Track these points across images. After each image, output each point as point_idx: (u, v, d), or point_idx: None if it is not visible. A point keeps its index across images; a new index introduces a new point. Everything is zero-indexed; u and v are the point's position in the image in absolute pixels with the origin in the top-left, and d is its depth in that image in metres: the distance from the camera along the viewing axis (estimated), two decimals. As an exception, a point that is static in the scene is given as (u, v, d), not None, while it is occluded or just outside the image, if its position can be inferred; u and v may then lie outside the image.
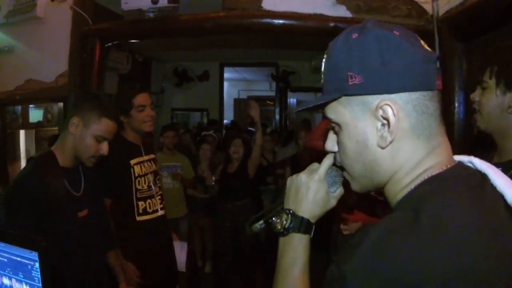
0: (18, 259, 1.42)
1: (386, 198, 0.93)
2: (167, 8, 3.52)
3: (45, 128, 5.23)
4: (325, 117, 0.95)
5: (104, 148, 2.15)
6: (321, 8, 3.46)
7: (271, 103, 11.70)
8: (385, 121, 0.83)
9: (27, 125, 5.14)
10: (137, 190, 2.82)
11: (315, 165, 1.09)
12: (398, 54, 0.82)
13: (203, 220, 5.40)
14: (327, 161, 1.05)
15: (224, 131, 8.70)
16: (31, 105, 5.14)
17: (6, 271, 1.46)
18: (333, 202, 1.09)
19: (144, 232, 2.82)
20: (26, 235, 1.55)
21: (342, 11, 3.46)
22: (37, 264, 1.39)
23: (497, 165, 0.94)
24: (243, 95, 13.14)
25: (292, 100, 12.16)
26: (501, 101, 1.45)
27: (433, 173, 0.84)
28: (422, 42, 0.86)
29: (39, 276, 1.39)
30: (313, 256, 1.03)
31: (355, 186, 0.97)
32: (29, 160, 2.10)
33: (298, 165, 4.77)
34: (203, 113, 10.04)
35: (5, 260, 1.45)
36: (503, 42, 1.54)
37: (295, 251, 1.03)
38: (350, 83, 0.84)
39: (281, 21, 3.47)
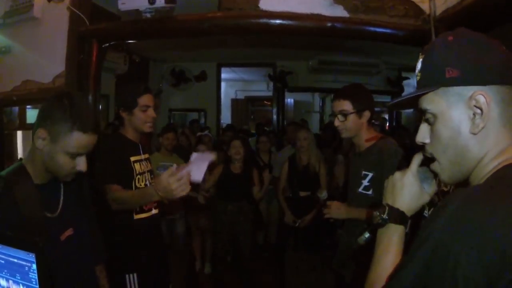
0: (15, 260, 1.42)
1: (470, 184, 1.02)
2: (164, 8, 3.51)
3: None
4: (420, 111, 1.08)
5: (81, 163, 1.77)
6: (318, 8, 3.45)
7: (269, 103, 11.71)
8: (477, 110, 0.95)
9: (24, 126, 5.13)
10: (136, 187, 2.81)
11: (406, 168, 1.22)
12: (490, 52, 0.96)
13: (202, 221, 5.40)
14: (417, 158, 1.19)
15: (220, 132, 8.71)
16: (28, 106, 5.13)
17: (3, 273, 1.45)
18: (426, 198, 1.21)
19: (140, 230, 2.82)
20: (23, 236, 1.54)
21: (340, 11, 3.46)
22: (34, 266, 1.39)
23: None
24: (241, 96, 13.16)
25: (289, 100, 12.17)
26: None
27: None
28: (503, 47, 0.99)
29: (36, 277, 1.39)
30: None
31: (444, 177, 1.07)
32: None
33: (296, 165, 4.78)
34: (200, 113, 10.04)
35: (2, 261, 1.45)
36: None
37: (389, 240, 1.15)
38: (448, 76, 0.98)
39: (278, 21, 3.46)
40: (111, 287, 2.24)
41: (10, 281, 1.45)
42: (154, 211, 2.93)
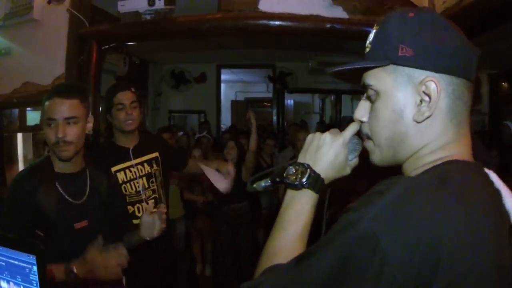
0: (16, 262, 1.42)
1: (402, 173, 0.95)
2: (164, 10, 3.52)
3: (42, 131, 5.21)
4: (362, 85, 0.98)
5: (59, 131, 1.85)
6: (317, 9, 3.46)
7: (268, 104, 11.71)
8: (426, 97, 0.86)
9: (24, 128, 5.13)
10: (125, 195, 2.78)
11: (335, 130, 1.08)
12: (450, 36, 0.87)
13: (202, 223, 5.40)
14: (353, 127, 1.05)
15: (220, 134, 8.70)
16: (28, 108, 5.13)
17: (4, 275, 1.45)
18: (347, 170, 1.08)
19: None
20: (24, 238, 1.55)
21: (339, 12, 3.47)
22: (34, 268, 1.39)
23: None
24: (240, 97, 13.14)
25: (289, 101, 12.17)
26: None
27: (462, 159, 0.87)
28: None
29: (37, 279, 1.39)
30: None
31: (376, 157, 0.97)
32: (29, 166, 1.98)
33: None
34: (200, 115, 10.03)
35: (3, 263, 1.45)
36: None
37: (302, 206, 1.01)
38: (400, 54, 0.87)
39: (277, 23, 3.47)
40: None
41: (11, 283, 1.45)
42: None
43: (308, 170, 1.02)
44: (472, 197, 0.76)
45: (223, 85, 10.44)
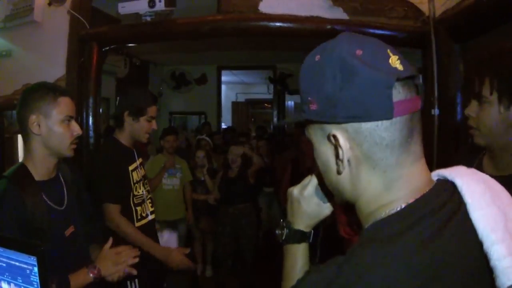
0: (17, 264, 1.42)
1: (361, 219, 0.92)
2: (164, 11, 3.52)
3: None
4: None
5: (76, 127, 1.91)
6: (317, 10, 3.46)
7: (269, 105, 11.72)
8: (337, 150, 0.83)
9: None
10: (134, 196, 2.80)
11: (307, 179, 1.13)
12: (351, 80, 0.77)
13: (203, 224, 5.41)
14: (314, 179, 1.10)
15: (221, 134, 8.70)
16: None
17: (5, 276, 1.46)
18: (327, 211, 1.13)
19: None
20: (24, 240, 1.55)
21: (339, 13, 3.47)
22: (35, 269, 1.39)
23: (493, 177, 0.89)
24: (241, 98, 13.17)
25: (290, 102, 12.17)
26: (505, 117, 1.38)
27: (390, 212, 0.81)
28: (392, 58, 0.79)
29: (38, 281, 1.39)
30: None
31: (335, 199, 1.01)
32: (0, 178, 1.80)
33: (298, 169, 4.78)
34: (201, 116, 10.04)
35: (4, 265, 1.45)
36: (499, 46, 1.51)
37: (293, 258, 1.15)
38: (311, 108, 0.84)
39: (278, 24, 3.47)
40: None
41: (12, 284, 1.45)
42: (150, 217, 2.93)
43: (285, 229, 1.16)
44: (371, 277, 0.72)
45: (223, 87, 10.46)
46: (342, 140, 0.81)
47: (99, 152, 3.28)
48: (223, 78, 10.12)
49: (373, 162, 0.81)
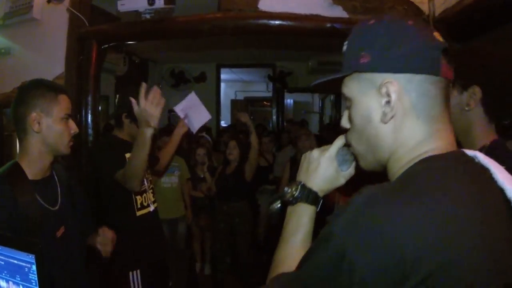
0: (15, 261, 1.42)
1: (389, 179, 0.97)
2: (164, 9, 3.51)
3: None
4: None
5: (73, 125, 1.93)
6: (317, 9, 3.46)
7: (268, 103, 11.72)
8: (387, 98, 0.90)
9: (24, 127, 5.12)
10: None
11: (325, 146, 1.18)
12: (406, 39, 0.88)
13: (203, 221, 5.42)
14: (339, 141, 1.15)
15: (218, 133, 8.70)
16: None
17: (3, 274, 1.46)
18: (342, 180, 1.17)
19: (143, 226, 2.85)
20: (23, 238, 1.55)
21: (339, 12, 3.47)
22: (34, 267, 1.39)
23: None
24: (240, 96, 13.17)
25: (289, 101, 12.20)
26: (459, 100, 1.52)
27: (431, 154, 0.89)
28: (436, 33, 0.92)
29: (36, 279, 1.39)
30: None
31: (361, 163, 1.03)
32: None
33: (298, 165, 4.78)
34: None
35: (2, 262, 1.45)
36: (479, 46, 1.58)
37: (299, 220, 1.11)
38: (361, 61, 0.92)
39: (277, 22, 3.47)
40: (114, 285, 2.26)
41: (10, 282, 1.45)
42: (152, 207, 2.95)
43: (299, 187, 1.14)
44: (435, 193, 0.77)
45: (222, 85, 10.46)
46: (396, 88, 0.89)
47: (96, 144, 3.30)
48: (222, 76, 10.12)
49: (418, 112, 0.90)
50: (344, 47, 0.99)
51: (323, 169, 1.14)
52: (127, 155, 2.82)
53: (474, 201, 0.79)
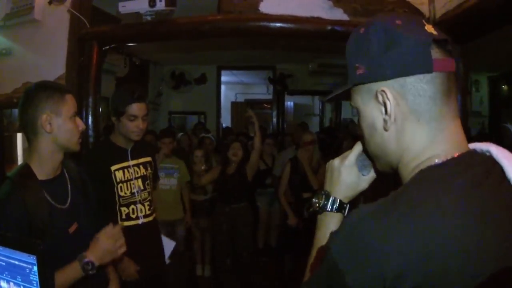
0: (16, 262, 1.42)
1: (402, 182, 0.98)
2: (165, 11, 3.52)
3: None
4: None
5: (81, 123, 2.00)
6: (318, 11, 3.46)
7: (268, 106, 11.71)
8: (383, 106, 0.92)
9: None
10: (119, 196, 2.81)
11: (346, 152, 1.21)
12: (395, 42, 0.88)
13: (203, 222, 5.41)
14: (357, 147, 1.18)
15: (220, 135, 8.71)
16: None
17: (4, 275, 1.46)
18: (364, 185, 1.20)
19: (129, 238, 2.79)
20: (24, 238, 1.55)
21: (339, 14, 3.47)
22: (35, 268, 1.39)
23: None
24: (241, 98, 13.17)
25: (289, 103, 12.19)
26: None
27: (437, 162, 0.88)
28: (427, 26, 0.91)
29: (37, 279, 1.39)
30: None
31: (378, 167, 1.08)
32: (5, 179, 1.85)
33: (297, 167, 4.79)
34: (200, 116, 10.04)
35: (3, 263, 1.45)
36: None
37: (326, 227, 1.16)
38: (357, 73, 0.94)
39: (278, 24, 3.47)
40: None
41: (11, 283, 1.45)
42: (142, 220, 2.90)
43: (324, 196, 1.19)
44: (428, 207, 0.78)
45: (223, 87, 10.46)
46: (389, 95, 0.90)
47: (84, 155, 3.28)
48: (223, 78, 10.12)
49: (418, 114, 0.90)
50: (346, 59, 1.01)
51: (344, 177, 1.18)
52: (114, 167, 2.81)
53: (472, 209, 0.79)
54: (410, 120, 0.90)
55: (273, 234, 6.31)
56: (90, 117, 3.79)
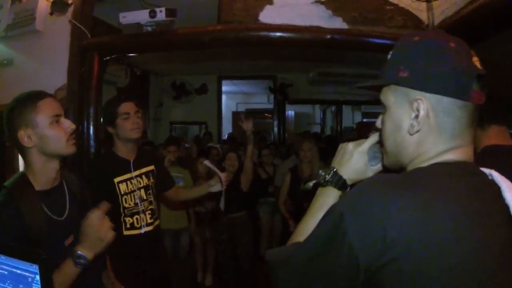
0: (19, 271, 1.42)
1: None
2: (165, 22, 3.54)
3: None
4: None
5: (67, 123, 1.88)
6: (317, 20, 3.48)
7: (269, 115, 11.73)
8: (417, 113, 0.99)
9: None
10: (124, 208, 2.82)
11: (362, 140, 1.30)
12: (443, 62, 0.96)
13: (207, 233, 5.41)
14: (373, 138, 1.26)
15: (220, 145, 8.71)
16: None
17: (6, 284, 1.46)
18: (369, 174, 1.28)
19: (132, 246, 2.81)
20: (26, 248, 1.55)
21: (339, 23, 3.49)
22: (37, 277, 1.39)
23: None
24: (241, 108, 13.17)
25: (290, 112, 12.19)
26: None
27: (445, 160, 0.99)
28: (475, 58, 0.99)
29: (39, 288, 1.39)
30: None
31: (385, 161, 1.17)
32: (1, 189, 1.78)
33: (298, 176, 4.78)
34: (202, 126, 10.05)
35: (6, 272, 1.45)
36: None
37: (326, 198, 1.24)
38: (400, 75, 1.01)
39: (278, 34, 3.49)
40: None
41: (13, 292, 1.45)
42: (144, 229, 2.90)
43: (332, 172, 1.27)
44: (428, 188, 0.90)
45: (224, 97, 10.48)
46: (424, 105, 0.98)
47: (88, 167, 3.29)
48: (224, 88, 10.15)
49: (442, 130, 0.99)
50: (389, 56, 1.08)
51: (355, 161, 1.26)
52: (117, 179, 2.82)
53: (466, 200, 0.90)
54: (434, 133, 1.00)
55: (275, 243, 6.29)
56: (91, 127, 3.80)
